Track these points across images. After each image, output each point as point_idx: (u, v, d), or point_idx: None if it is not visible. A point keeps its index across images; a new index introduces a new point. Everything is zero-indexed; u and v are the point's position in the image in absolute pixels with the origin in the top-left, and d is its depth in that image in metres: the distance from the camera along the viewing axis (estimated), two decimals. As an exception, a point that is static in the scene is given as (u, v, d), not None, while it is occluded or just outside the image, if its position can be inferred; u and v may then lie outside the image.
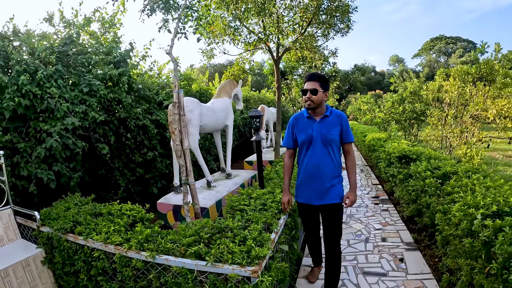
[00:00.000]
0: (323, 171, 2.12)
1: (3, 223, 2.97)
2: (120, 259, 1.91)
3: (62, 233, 2.40)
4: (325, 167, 2.12)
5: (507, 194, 1.97)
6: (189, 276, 1.59)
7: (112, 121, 4.54)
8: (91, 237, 2.15)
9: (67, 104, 3.67)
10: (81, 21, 5.33)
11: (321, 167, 2.12)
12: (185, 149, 2.65)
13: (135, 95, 5.11)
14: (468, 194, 2.06)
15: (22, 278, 2.53)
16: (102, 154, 4.17)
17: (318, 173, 2.12)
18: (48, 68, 3.78)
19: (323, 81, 2.11)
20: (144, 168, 4.97)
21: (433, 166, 3.04)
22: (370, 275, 2.62)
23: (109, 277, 2.16)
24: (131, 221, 2.27)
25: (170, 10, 3.26)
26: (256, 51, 5.79)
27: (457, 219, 1.85)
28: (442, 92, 5.39)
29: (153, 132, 4.97)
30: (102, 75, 4.34)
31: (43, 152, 3.43)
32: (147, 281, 1.87)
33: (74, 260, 2.36)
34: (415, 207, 3.19)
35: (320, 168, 2.12)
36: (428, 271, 2.63)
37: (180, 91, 2.62)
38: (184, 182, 2.62)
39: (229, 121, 4.44)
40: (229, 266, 1.50)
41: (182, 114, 2.64)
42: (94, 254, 2.10)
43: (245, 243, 1.60)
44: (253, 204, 2.25)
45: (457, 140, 4.91)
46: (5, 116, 3.36)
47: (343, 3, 5.40)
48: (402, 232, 3.39)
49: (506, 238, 1.52)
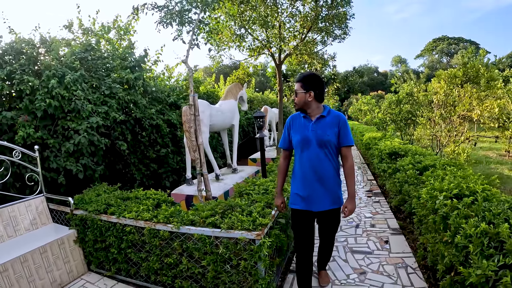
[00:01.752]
0: (321, 174, 2.01)
1: (37, 209, 3.41)
2: (150, 231, 2.35)
3: (95, 214, 2.85)
4: (322, 170, 2.01)
5: (471, 182, 2.38)
6: (207, 241, 2.03)
7: (128, 120, 5.00)
8: (123, 216, 2.59)
9: (91, 105, 4.12)
10: (98, 28, 5.81)
11: (318, 170, 2.01)
12: (200, 144, 3.09)
13: (149, 97, 5.57)
14: (437, 181, 2.48)
15: (57, 254, 2.95)
16: (121, 150, 4.63)
17: (315, 176, 2.02)
18: (74, 73, 4.24)
19: (305, 81, 2.04)
20: (157, 164, 5.43)
21: (416, 161, 3.45)
22: (358, 253, 3.04)
23: (137, 249, 2.60)
24: (156, 203, 2.71)
25: (185, 24, 3.70)
26: (259, 56, 6.23)
27: (424, 200, 2.27)
28: (432, 93, 5.79)
29: (165, 131, 5.43)
30: (119, 79, 4.80)
31: (72, 147, 3.88)
32: (171, 248, 2.31)
33: (106, 237, 2.80)
34: (400, 197, 3.60)
35: (317, 171, 2.01)
36: (409, 251, 3.04)
37: (195, 95, 3.06)
38: (199, 172, 3.06)
39: (235, 121, 4.89)
40: (238, 231, 1.93)
41: (197, 115, 3.08)
42: (126, 229, 2.55)
43: (251, 215, 2.04)
44: (257, 189, 2.69)
45: (446, 139, 5.30)
46: (37, 115, 3.81)
47: (340, 11, 5.83)
48: (389, 220, 3.81)
49: (459, 213, 1.94)
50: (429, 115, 5.31)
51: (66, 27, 5.68)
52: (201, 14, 3.56)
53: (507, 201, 1.88)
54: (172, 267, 2.36)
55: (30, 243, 2.78)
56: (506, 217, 1.65)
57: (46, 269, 2.82)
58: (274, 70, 7.87)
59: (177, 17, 3.66)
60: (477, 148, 10.47)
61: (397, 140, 5.63)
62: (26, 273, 2.62)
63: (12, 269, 2.51)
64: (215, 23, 4.10)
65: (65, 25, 5.69)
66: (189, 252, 2.19)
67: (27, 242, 2.81)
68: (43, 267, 2.79)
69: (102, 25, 5.78)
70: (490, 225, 1.58)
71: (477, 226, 1.58)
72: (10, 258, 2.51)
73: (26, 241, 2.87)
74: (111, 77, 4.80)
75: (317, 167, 2.02)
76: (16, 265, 2.54)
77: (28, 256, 2.66)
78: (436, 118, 5.00)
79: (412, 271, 2.65)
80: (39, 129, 3.93)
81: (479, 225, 1.57)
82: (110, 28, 5.43)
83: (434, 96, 5.10)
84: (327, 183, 2.03)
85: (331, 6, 5.25)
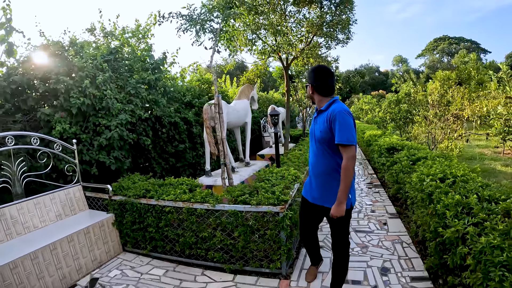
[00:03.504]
0: (320, 170, 2.00)
1: (75, 196, 3.85)
2: (188, 210, 2.83)
3: (135, 198, 3.31)
4: (318, 167, 2.01)
5: (454, 169, 2.85)
6: (239, 215, 2.51)
7: (150, 118, 5.47)
8: (162, 198, 3.07)
9: (119, 103, 4.58)
10: (118, 32, 6.28)
11: (314, 166, 2.04)
12: (223, 138, 3.56)
13: (167, 97, 6.04)
14: (426, 168, 2.96)
15: (98, 235, 3.39)
16: (144, 145, 5.11)
17: (315, 171, 2.04)
18: (103, 74, 4.69)
19: (307, 75, 2.07)
20: (175, 158, 5.91)
21: (410, 154, 3.93)
22: (360, 232, 3.52)
23: (174, 227, 3.07)
24: (189, 188, 3.19)
25: (206, 31, 4.16)
26: (268, 59, 6.70)
27: (414, 183, 2.75)
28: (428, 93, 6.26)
29: (182, 128, 5.91)
30: (141, 80, 5.26)
31: (105, 142, 4.34)
32: (206, 224, 2.79)
33: (145, 218, 3.25)
34: (397, 186, 4.08)
35: (314, 167, 2.05)
36: (404, 230, 3.52)
37: (219, 95, 3.53)
38: (222, 163, 3.54)
39: (248, 118, 5.36)
40: (265, 206, 2.41)
41: (221, 113, 3.55)
42: (165, 209, 3.02)
43: (274, 193, 2.52)
44: (275, 176, 3.17)
45: (441, 136, 5.77)
46: (72, 112, 4.24)
47: (343, 18, 6.29)
48: (388, 206, 4.29)
49: (441, 190, 2.41)
50: (425, 114, 5.78)
51: (88, 31, 6.15)
52: (222, 23, 4.02)
53: (481, 182, 2.35)
54: (206, 240, 2.84)
55: (72, 226, 3.13)
56: (477, 192, 2.13)
57: (88, 248, 3.23)
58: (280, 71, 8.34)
59: (198, 25, 4.11)
60: (474, 146, 10.92)
61: (396, 137, 6.11)
62: (71, 251, 3.00)
63: (60, 247, 2.89)
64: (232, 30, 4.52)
65: (87, 29, 6.16)
66: (222, 226, 2.67)
67: (69, 225, 3.18)
68: (86, 246, 3.21)
69: (123, 29, 6.25)
70: (463, 197, 2.06)
71: (453, 198, 2.05)
72: (58, 238, 2.86)
73: (67, 224, 3.23)
74: (134, 78, 5.26)
75: (314, 163, 2.03)
76: (63, 244, 2.92)
77: (74, 236, 3.05)
78: (431, 117, 5.47)
79: (406, 246, 3.14)
80: (73, 125, 4.38)
81: (454, 197, 2.04)
82: (134, 32, 5.88)
83: (429, 97, 5.57)
84: (323, 180, 1.99)
85: (336, 14, 5.71)
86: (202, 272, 2.91)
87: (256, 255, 2.63)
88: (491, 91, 5.08)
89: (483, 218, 1.77)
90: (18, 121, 3.99)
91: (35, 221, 3.29)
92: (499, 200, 1.97)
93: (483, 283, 1.51)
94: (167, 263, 3.19)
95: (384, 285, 2.49)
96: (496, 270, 1.41)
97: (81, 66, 4.47)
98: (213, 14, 4.09)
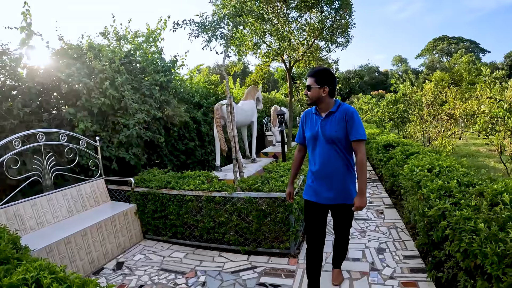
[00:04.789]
0: (330, 170, 2.05)
1: (99, 189, 4.20)
2: (207, 198, 3.20)
3: (157, 189, 3.68)
4: (332, 167, 2.05)
5: (442, 161, 3.22)
6: (254, 201, 2.89)
7: (162, 117, 5.84)
8: (183, 188, 3.44)
9: (136, 104, 4.94)
10: (130, 37, 6.64)
11: (327, 166, 2.05)
12: (234, 135, 3.93)
13: (178, 97, 6.41)
14: (417, 160, 3.33)
15: (122, 223, 3.76)
16: (158, 142, 5.48)
17: (327, 172, 2.06)
18: (121, 76, 5.03)
19: (318, 76, 2.05)
20: (186, 155, 6.28)
21: (405, 149, 4.31)
22: (359, 220, 3.90)
23: (193, 214, 3.44)
24: (206, 180, 3.57)
25: (217, 37, 4.52)
26: (271, 61, 7.08)
27: (406, 173, 3.12)
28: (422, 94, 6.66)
29: (192, 127, 6.28)
30: (154, 82, 5.63)
31: (124, 139, 4.70)
32: (223, 210, 3.16)
33: (166, 207, 3.62)
34: (393, 179, 4.45)
35: (326, 167, 2.06)
36: (399, 218, 3.90)
37: (231, 97, 3.90)
38: (234, 157, 3.91)
39: (254, 117, 5.74)
40: (276, 193, 2.79)
41: (233, 112, 3.92)
42: (186, 198, 3.39)
43: (284, 182, 2.90)
44: (282, 168, 3.55)
45: (435, 134, 6.15)
46: (93, 112, 4.58)
47: (343, 22, 6.67)
48: (384, 198, 4.67)
49: (428, 178, 2.78)
50: (420, 113, 6.16)
51: (102, 34, 6.51)
52: (232, 31, 4.39)
53: (462, 171, 2.73)
54: (222, 225, 3.21)
55: (99, 215, 3.45)
56: (458, 179, 2.50)
57: (114, 234, 3.60)
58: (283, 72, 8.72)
59: (210, 31, 4.48)
60: (470, 144, 11.31)
61: (393, 135, 6.49)
62: (99, 237, 3.34)
63: (90, 234, 3.23)
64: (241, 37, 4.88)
65: (101, 32, 6.53)
66: (238, 211, 3.04)
67: (95, 215, 3.48)
68: (112, 233, 3.57)
69: (135, 33, 6.62)
70: (445, 182, 2.43)
71: (436, 183, 2.43)
72: (88, 225, 3.20)
73: (93, 214, 3.53)
74: (147, 80, 5.63)
75: (327, 164, 2.05)
76: (93, 230, 3.26)
77: (102, 224, 3.40)
78: (425, 116, 5.84)
79: (400, 231, 3.52)
80: (94, 124, 4.73)
81: (438, 183, 2.42)
82: (147, 37, 6.22)
83: (424, 97, 5.94)
84: (337, 179, 2.05)
85: (335, 20, 6.09)
86: (219, 254, 3.28)
87: (268, 237, 3.00)
88: (477, 91, 5.45)
89: (460, 198, 2.14)
90: (43, 119, 4.33)
91: (63, 211, 3.62)
92: (476, 184, 2.35)
93: (459, 247, 1.88)
94: (186, 248, 3.56)
95: (380, 262, 2.87)
96: (467, 235, 1.78)
97: (101, 69, 4.80)
98: (224, 22, 4.46)
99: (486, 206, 1.92)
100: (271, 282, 2.65)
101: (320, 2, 6.21)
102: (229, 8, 4.43)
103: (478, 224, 1.70)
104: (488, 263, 1.55)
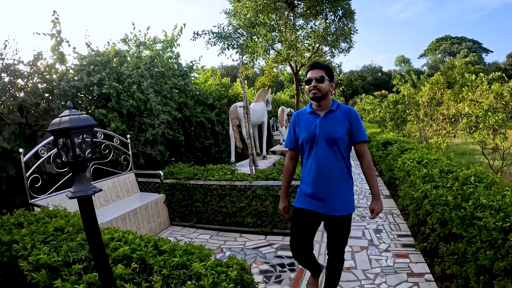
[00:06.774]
0: (330, 175, 1.86)
1: (130, 181, 4.75)
2: (230, 186, 3.77)
3: (185, 180, 4.25)
4: (332, 171, 1.86)
5: (431, 155, 3.76)
6: (270, 188, 3.45)
7: (180, 118, 6.42)
8: (208, 179, 4.01)
9: (159, 105, 5.50)
10: (148, 43, 7.22)
11: (326, 170, 1.86)
12: (250, 134, 4.49)
13: (194, 100, 7.00)
14: (409, 154, 3.88)
15: (154, 210, 4.30)
16: (178, 141, 6.06)
17: (324, 177, 1.86)
18: (146, 80, 5.59)
19: (328, 69, 1.89)
20: (202, 153, 6.86)
21: (401, 146, 4.85)
22: (359, 208, 4.46)
23: (217, 201, 4.00)
24: (228, 171, 4.14)
25: (233, 46, 5.08)
26: (280, 65, 7.65)
27: (399, 165, 3.67)
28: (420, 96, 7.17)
29: (207, 126, 6.86)
30: (173, 85, 6.19)
31: (151, 137, 5.27)
32: (244, 197, 3.72)
33: (193, 195, 4.19)
34: (390, 173, 4.99)
35: (324, 171, 1.86)
36: (395, 206, 4.44)
37: (247, 99, 4.46)
38: (250, 153, 4.48)
39: (264, 118, 6.31)
40: (290, 181, 3.34)
41: (248, 113, 4.48)
42: (211, 187, 3.96)
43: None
44: (294, 162, 4.10)
45: (431, 133, 6.67)
46: (122, 113, 5.13)
47: (345, 29, 7.22)
48: (383, 190, 5.21)
49: (417, 169, 3.32)
50: (417, 113, 6.67)
51: (122, 41, 7.11)
52: (247, 41, 4.95)
53: (446, 162, 3.27)
54: (243, 210, 3.77)
55: (132, 203, 3.91)
56: (441, 168, 3.04)
57: (147, 220, 4.15)
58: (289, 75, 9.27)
59: (226, 40, 5.03)
60: (468, 143, 11.77)
61: (392, 134, 7.02)
62: (135, 222, 3.90)
63: (128, 218, 3.78)
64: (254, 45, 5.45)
65: (122, 39, 7.12)
66: (257, 197, 3.61)
67: (129, 203, 3.94)
68: (146, 219, 4.13)
69: (154, 39, 7.20)
70: (430, 171, 2.98)
71: (422, 171, 2.98)
72: (127, 211, 3.71)
73: (127, 203, 3.97)
74: (168, 84, 6.21)
75: (325, 167, 1.86)
76: (130, 215, 3.78)
77: (138, 210, 3.95)
78: (421, 116, 6.35)
79: (396, 216, 4.06)
80: (123, 123, 5.29)
81: (423, 171, 2.96)
82: (167, 43, 6.77)
83: (420, 98, 6.45)
84: (336, 186, 1.86)
85: (338, 28, 6.65)
86: (240, 235, 3.84)
87: (282, 219, 3.56)
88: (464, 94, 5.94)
89: (439, 181, 2.69)
90: (77, 119, 4.88)
91: (101, 200, 4.18)
92: (454, 172, 2.89)
93: (437, 219, 2.43)
94: (210, 231, 4.12)
95: (377, 239, 3.41)
96: (440, 206, 2.33)
97: (128, 74, 5.37)
98: (239, 31, 5.02)
99: (459, 186, 2.46)
100: (286, 255, 3.21)
101: (325, 10, 6.77)
102: (244, 21, 5.00)
103: (448, 198, 2.24)
104: (455, 225, 2.10)
